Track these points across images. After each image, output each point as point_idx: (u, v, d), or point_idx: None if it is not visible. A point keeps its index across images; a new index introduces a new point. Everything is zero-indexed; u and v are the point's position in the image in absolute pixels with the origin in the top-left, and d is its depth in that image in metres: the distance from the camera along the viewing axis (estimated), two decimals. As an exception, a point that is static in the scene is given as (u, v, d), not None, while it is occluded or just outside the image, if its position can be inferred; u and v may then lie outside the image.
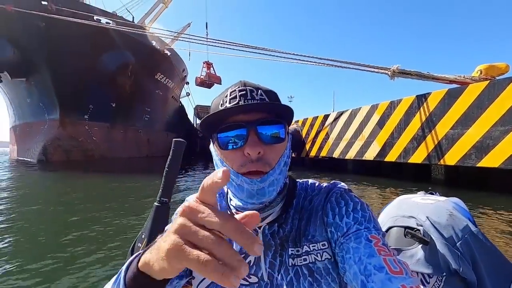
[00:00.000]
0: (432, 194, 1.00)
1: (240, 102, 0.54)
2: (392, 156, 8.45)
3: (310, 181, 0.69)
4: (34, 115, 17.13)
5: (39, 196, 6.28)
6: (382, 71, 8.20)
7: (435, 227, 0.81)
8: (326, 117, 11.60)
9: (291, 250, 0.57)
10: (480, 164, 6.27)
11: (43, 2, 13.75)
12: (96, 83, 16.22)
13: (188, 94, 34.44)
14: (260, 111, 0.55)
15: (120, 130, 19.60)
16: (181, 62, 26.11)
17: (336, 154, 10.79)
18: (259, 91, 0.56)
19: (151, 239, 0.88)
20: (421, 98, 7.66)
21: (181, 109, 31.95)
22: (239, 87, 0.56)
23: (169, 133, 26.25)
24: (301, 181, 0.69)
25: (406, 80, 8.06)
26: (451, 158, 6.83)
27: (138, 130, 21.54)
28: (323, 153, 11.50)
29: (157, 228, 0.91)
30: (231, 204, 0.63)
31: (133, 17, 21.20)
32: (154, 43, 19.68)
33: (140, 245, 0.90)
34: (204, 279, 0.58)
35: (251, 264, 0.57)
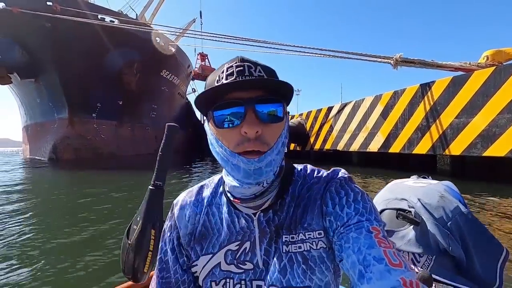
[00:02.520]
0: (425, 178, 1.01)
1: (237, 79, 0.51)
2: (396, 147, 8.30)
3: (309, 167, 0.66)
4: (44, 114, 17.56)
5: (48, 192, 6.47)
6: (385, 60, 8.02)
7: (426, 208, 0.82)
8: (329, 109, 11.46)
9: (285, 237, 0.56)
10: (486, 154, 6.08)
11: (48, 3, 13.96)
12: (102, 82, 16.46)
13: (194, 91, 34.56)
14: (259, 88, 0.52)
15: (128, 128, 19.89)
16: (186, 59, 26.20)
17: (340, 147, 10.67)
18: (258, 67, 0.53)
19: (145, 221, 0.89)
20: (425, 87, 7.46)
21: (188, 105, 32.15)
22: (236, 63, 0.53)
23: (176, 129, 26.48)
24: (299, 167, 0.66)
25: (413, 70, 7.88)
26: (456, 148, 6.65)
27: (146, 127, 21.81)
28: (328, 146, 11.39)
29: (152, 211, 0.92)
30: (227, 190, 0.61)
31: (136, 15, 21.32)
32: (158, 40, 19.77)
33: (136, 227, 0.90)
34: (204, 267, 0.59)
35: (246, 251, 0.57)
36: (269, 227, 0.58)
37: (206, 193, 0.66)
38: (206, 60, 29.71)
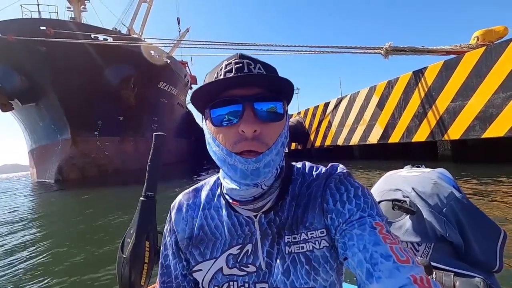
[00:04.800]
0: (419, 167, 1.01)
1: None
2: (395, 137, 8.22)
3: (308, 164, 0.64)
4: (47, 137, 17.81)
5: (56, 215, 6.55)
6: (375, 51, 7.98)
7: (420, 197, 0.83)
8: (326, 105, 11.42)
9: (287, 238, 0.55)
10: (485, 135, 5.99)
11: (42, 28, 14.22)
12: (101, 99, 16.64)
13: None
14: (258, 86, 0.50)
15: (131, 142, 20.05)
16: (182, 69, 26.38)
17: (340, 142, 10.61)
18: (258, 64, 0.51)
19: (139, 233, 0.88)
20: (418, 74, 7.40)
21: (188, 114, 32.32)
22: (235, 59, 0.51)
23: (179, 139, 26.61)
24: (297, 165, 0.65)
25: (409, 58, 7.82)
26: (455, 132, 6.56)
27: (148, 140, 21.88)
28: (328, 142, 11.34)
29: (145, 222, 0.91)
30: (224, 192, 0.59)
31: (128, 30, 21.57)
32: (153, 53, 19.97)
33: (129, 240, 0.89)
34: (207, 271, 0.58)
35: (248, 253, 0.56)
36: (271, 229, 0.56)
37: (203, 195, 0.64)
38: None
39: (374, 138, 9.03)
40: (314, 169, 0.62)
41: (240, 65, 0.50)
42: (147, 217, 0.93)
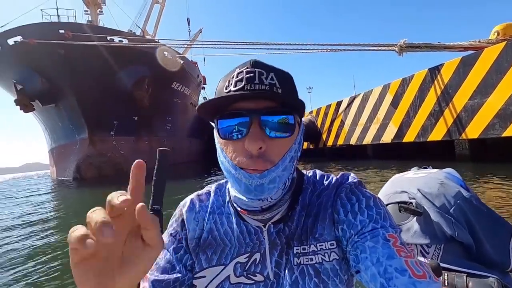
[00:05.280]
0: (426, 168, 1.00)
1: (246, 87, 0.48)
2: (410, 136, 8.02)
3: (318, 173, 0.63)
4: (66, 137, 18.44)
5: (73, 211, 6.79)
6: (389, 48, 7.81)
7: (426, 198, 0.82)
8: (339, 104, 11.28)
9: (296, 249, 0.54)
10: (506, 134, 5.75)
11: (61, 31, 14.72)
12: (117, 100, 17.08)
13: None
14: (268, 99, 0.49)
15: (145, 142, 20.46)
16: (195, 69, 26.68)
17: (353, 141, 10.45)
18: (270, 74, 0.49)
19: None
20: (434, 71, 7.19)
21: (201, 113, 32.59)
22: (247, 68, 0.49)
23: (192, 139, 26.94)
24: (308, 173, 0.64)
25: (423, 55, 7.62)
26: (473, 130, 6.33)
27: (162, 140, 22.34)
28: (340, 141, 11.19)
29: None
30: (232, 200, 0.59)
31: (142, 31, 22.00)
32: (166, 54, 20.29)
33: None
34: (212, 280, 0.55)
35: (256, 262, 0.55)
36: (280, 239, 0.55)
37: (213, 199, 0.63)
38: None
39: (388, 137, 8.85)
40: (325, 178, 0.61)
41: (251, 74, 0.48)
42: None
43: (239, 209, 0.56)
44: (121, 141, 18.47)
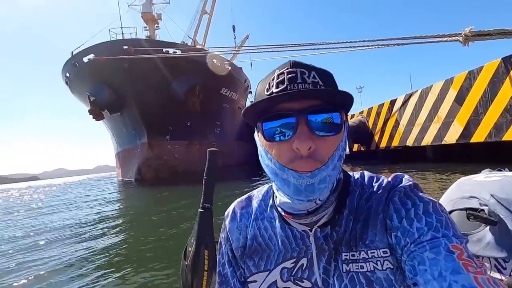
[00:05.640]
0: (501, 170, 0.89)
1: (288, 87, 0.47)
2: (480, 136, 7.10)
3: (366, 174, 0.59)
4: (129, 141, 20.50)
5: (135, 209, 7.51)
6: (452, 38, 7.01)
7: (502, 205, 0.73)
8: (393, 102, 10.52)
9: (345, 255, 0.51)
10: None
11: (124, 47, 16.47)
12: (171, 107, 18.48)
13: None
14: (313, 98, 0.48)
15: (197, 145, 21.66)
16: (242, 74, 27.47)
17: (410, 142, 9.63)
18: (312, 73, 0.48)
19: (198, 243, 0.92)
20: (509, 60, 6.27)
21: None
22: (287, 69, 0.49)
23: (240, 142, 27.68)
24: (355, 175, 0.60)
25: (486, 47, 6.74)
26: None
27: (212, 143, 23.37)
28: (395, 143, 10.41)
29: (203, 232, 0.94)
30: (277, 204, 0.57)
31: (193, 42, 23.39)
32: (215, 61, 21.28)
33: (190, 249, 0.94)
34: (261, 283, 0.57)
35: (303, 268, 0.53)
36: (327, 244, 0.53)
37: (255, 204, 0.63)
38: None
39: (451, 137, 7.96)
40: (375, 180, 0.57)
41: (293, 75, 0.47)
42: (205, 227, 0.97)
43: (283, 213, 0.55)
44: (175, 145, 19.84)
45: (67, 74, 20.01)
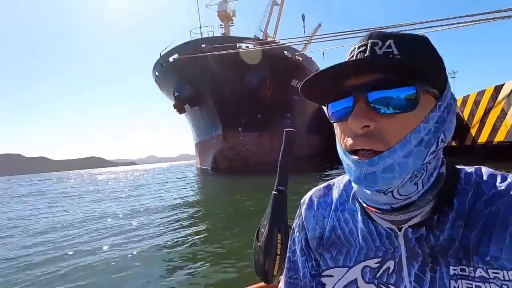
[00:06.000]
0: None
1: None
2: None
3: (485, 171, 0.47)
4: (206, 133, 22.37)
5: (212, 195, 8.25)
6: None
7: None
8: (497, 89, 8.73)
9: (453, 269, 0.41)
10: None
11: (203, 45, 17.83)
12: (244, 100, 19.35)
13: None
14: (379, 71, 0.40)
15: (267, 137, 22.17)
16: (313, 65, 26.68)
17: (521, 137, 7.90)
18: (388, 41, 0.40)
19: (272, 225, 0.94)
20: None
21: (320, 109, 32.34)
22: (360, 42, 0.43)
23: (310, 134, 27.16)
24: (467, 169, 0.48)
25: None
26: None
27: (281, 136, 23.54)
28: (500, 137, 8.67)
29: (277, 215, 0.96)
30: (354, 194, 0.53)
31: (264, 34, 23.73)
32: (286, 52, 21.18)
33: (263, 230, 0.97)
34: (339, 280, 0.51)
35: (390, 271, 0.46)
36: (421, 248, 0.44)
37: (335, 194, 0.57)
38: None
39: None
40: (499, 179, 0.44)
41: (364, 48, 0.41)
42: (279, 210, 0.95)
43: (365, 205, 0.48)
44: (247, 137, 20.74)
45: (156, 73, 22.81)
